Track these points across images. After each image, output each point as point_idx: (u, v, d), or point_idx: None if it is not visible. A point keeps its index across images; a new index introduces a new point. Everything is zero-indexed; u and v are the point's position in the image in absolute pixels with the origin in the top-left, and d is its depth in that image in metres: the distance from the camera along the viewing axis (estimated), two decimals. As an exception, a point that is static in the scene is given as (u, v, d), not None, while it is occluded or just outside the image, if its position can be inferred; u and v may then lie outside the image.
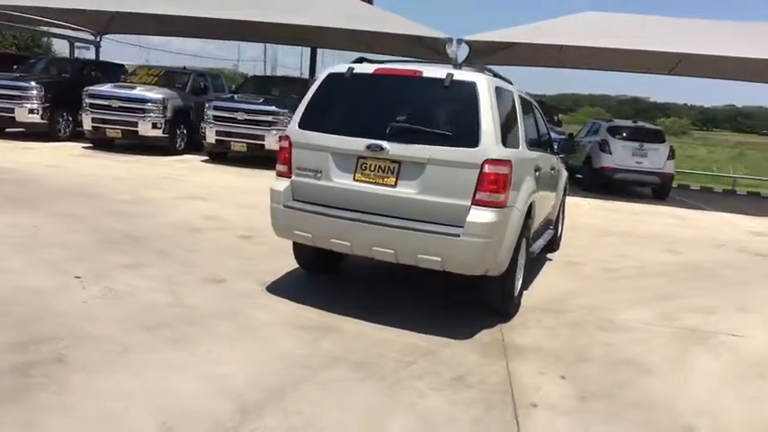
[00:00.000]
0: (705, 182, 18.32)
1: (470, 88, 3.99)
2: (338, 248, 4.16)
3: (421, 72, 4.16)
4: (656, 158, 12.56)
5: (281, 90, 13.44)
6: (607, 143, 12.65)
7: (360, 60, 4.62)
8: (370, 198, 4.07)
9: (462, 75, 4.07)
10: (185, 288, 4.49)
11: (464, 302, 4.76)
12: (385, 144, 3.99)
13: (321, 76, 4.49)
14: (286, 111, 11.25)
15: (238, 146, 11.68)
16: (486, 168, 3.80)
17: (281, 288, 4.66)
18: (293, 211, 4.24)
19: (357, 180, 4.11)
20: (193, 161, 12.04)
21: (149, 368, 3.22)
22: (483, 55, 12.74)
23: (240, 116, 11.60)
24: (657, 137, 13.09)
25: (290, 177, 4.34)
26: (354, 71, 4.31)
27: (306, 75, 20.35)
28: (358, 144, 4.09)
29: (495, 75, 4.53)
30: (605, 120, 15.13)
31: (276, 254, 5.24)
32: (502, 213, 3.87)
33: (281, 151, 4.44)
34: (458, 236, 3.78)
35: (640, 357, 3.98)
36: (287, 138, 4.40)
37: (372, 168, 4.07)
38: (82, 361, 3.20)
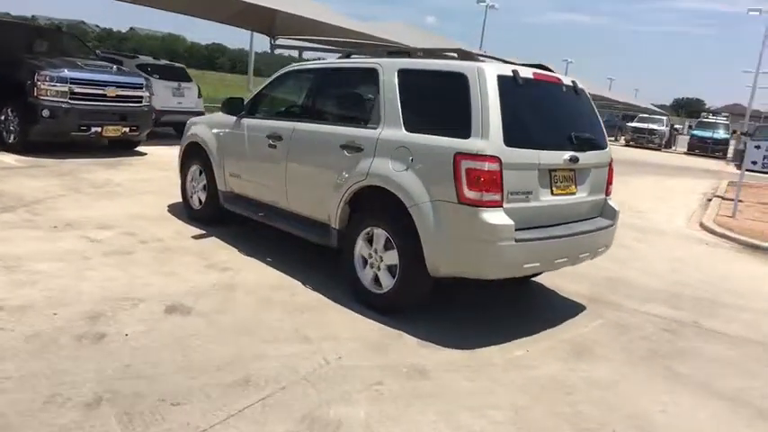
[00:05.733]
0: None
1: (586, 95, 4.49)
2: (556, 268, 4.04)
3: (561, 79, 4.25)
4: (191, 97, 12.64)
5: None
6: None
7: (348, 55, 4.72)
8: (565, 209, 4.11)
9: (577, 80, 4.45)
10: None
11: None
12: (579, 154, 4.09)
13: (487, 78, 3.68)
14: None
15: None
16: (612, 165, 4.62)
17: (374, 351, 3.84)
18: (524, 243, 3.69)
19: (555, 194, 4.00)
20: None
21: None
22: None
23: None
24: (186, 75, 12.99)
25: (502, 205, 3.65)
26: (521, 75, 3.88)
27: None
28: (558, 157, 3.96)
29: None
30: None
31: (221, 329, 3.62)
32: None
33: (481, 175, 3.55)
34: (612, 225, 4.53)
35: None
36: (494, 159, 3.57)
37: (561, 179, 4.06)
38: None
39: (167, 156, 10.43)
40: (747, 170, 9.98)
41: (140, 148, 10.55)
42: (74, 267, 4.41)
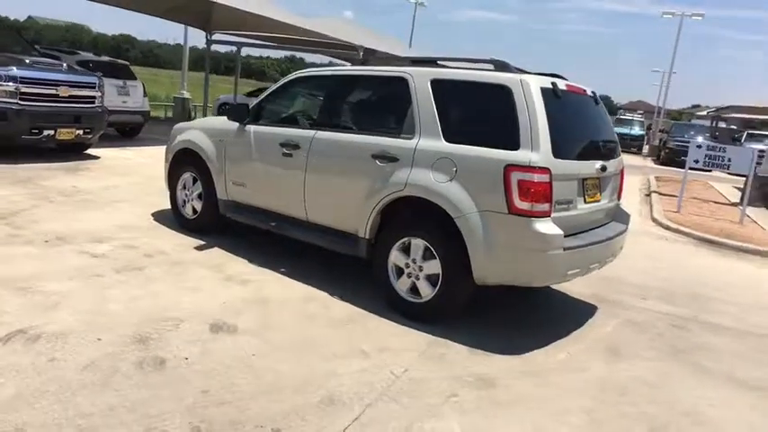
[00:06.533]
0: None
1: (602, 104, 4.73)
2: (589, 273, 4.23)
3: (586, 90, 4.45)
4: (136, 96, 12.03)
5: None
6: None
7: (364, 62, 4.33)
8: (594, 216, 4.32)
9: (595, 91, 4.66)
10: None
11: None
12: (606, 163, 4.31)
13: (532, 90, 3.80)
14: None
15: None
16: (623, 170, 4.89)
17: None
18: (570, 251, 3.86)
19: (587, 202, 4.21)
20: None
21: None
22: None
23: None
24: (130, 73, 12.31)
25: (551, 215, 3.80)
26: (559, 86, 4.04)
27: None
28: (591, 167, 4.17)
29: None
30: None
31: (277, 346, 3.59)
32: None
33: (532, 186, 3.67)
34: (627, 228, 4.80)
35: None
36: (545, 170, 3.70)
37: (591, 188, 4.26)
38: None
39: (122, 159, 9.94)
40: (691, 168, 10.77)
41: (90, 151, 9.92)
42: (91, 286, 4.15)
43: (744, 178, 12.68)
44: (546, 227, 3.70)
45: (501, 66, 4.14)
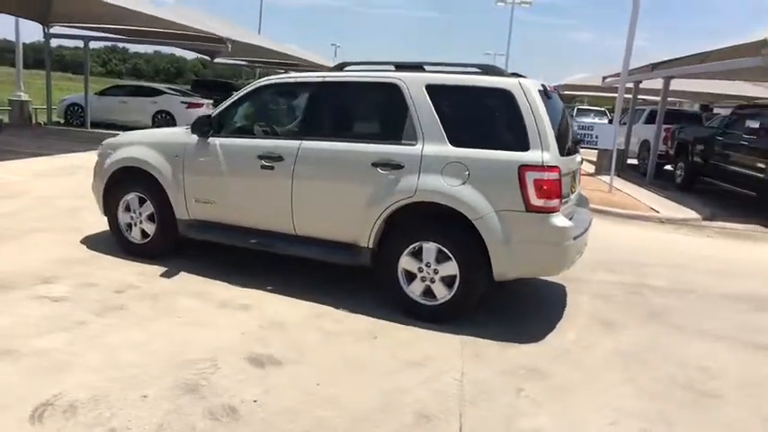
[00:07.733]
0: None
1: (560, 100, 5.12)
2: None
3: (555, 88, 4.79)
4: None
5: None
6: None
7: (341, 68, 4.81)
8: (573, 205, 4.73)
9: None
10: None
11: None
12: (580, 156, 4.73)
13: (533, 93, 4.03)
14: None
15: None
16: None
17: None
18: (576, 240, 4.20)
19: (572, 193, 4.59)
20: None
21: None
22: None
23: None
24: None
25: (560, 209, 4.10)
26: (549, 88, 4.33)
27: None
28: (574, 161, 4.55)
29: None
30: None
31: (330, 372, 3.99)
32: None
33: (545, 184, 3.93)
34: (589, 210, 5.30)
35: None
36: (556, 168, 3.98)
37: (572, 179, 4.62)
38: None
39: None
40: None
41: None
42: (82, 337, 3.66)
43: (596, 151, 14.45)
44: (561, 220, 3.98)
45: (489, 70, 4.30)
